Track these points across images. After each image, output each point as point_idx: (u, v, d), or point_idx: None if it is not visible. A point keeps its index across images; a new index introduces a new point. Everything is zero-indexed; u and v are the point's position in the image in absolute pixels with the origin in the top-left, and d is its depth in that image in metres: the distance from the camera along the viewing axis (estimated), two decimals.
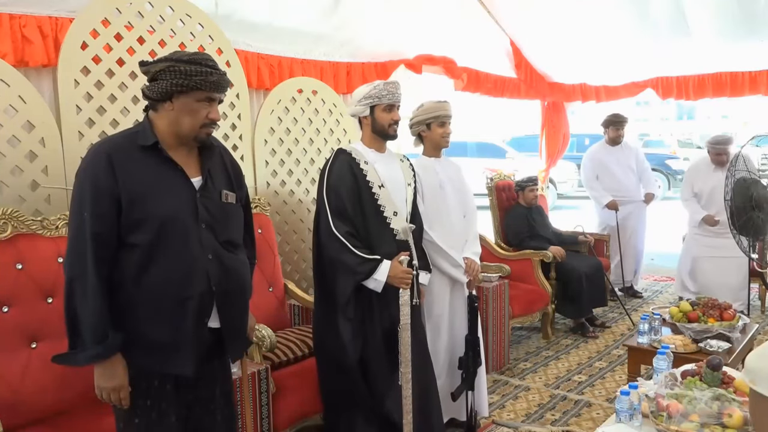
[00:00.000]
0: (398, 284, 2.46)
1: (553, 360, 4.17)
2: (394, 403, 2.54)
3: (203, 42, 3.08)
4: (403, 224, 2.59)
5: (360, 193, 2.56)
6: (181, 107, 1.78)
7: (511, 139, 14.09)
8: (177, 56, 1.78)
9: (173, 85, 1.74)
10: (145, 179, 1.76)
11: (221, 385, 2.00)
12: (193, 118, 1.79)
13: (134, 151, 1.77)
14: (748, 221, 4.29)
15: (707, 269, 4.95)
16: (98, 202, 1.70)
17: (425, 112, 3.05)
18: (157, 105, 1.80)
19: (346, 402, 2.62)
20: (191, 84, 1.75)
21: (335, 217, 2.50)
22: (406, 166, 2.82)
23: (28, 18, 2.53)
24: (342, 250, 2.47)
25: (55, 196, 2.57)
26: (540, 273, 4.51)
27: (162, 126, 1.81)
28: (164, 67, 1.75)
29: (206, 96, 1.79)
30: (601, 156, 5.57)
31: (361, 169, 2.58)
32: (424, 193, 2.99)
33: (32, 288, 2.26)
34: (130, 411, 1.81)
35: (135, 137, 1.80)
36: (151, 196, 1.75)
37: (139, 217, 1.73)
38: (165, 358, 1.80)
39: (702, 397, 1.90)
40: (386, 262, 2.48)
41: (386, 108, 2.61)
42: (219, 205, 1.89)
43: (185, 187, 1.82)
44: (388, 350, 2.54)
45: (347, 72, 4.08)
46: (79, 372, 1.75)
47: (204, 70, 1.76)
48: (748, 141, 4.54)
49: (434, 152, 3.13)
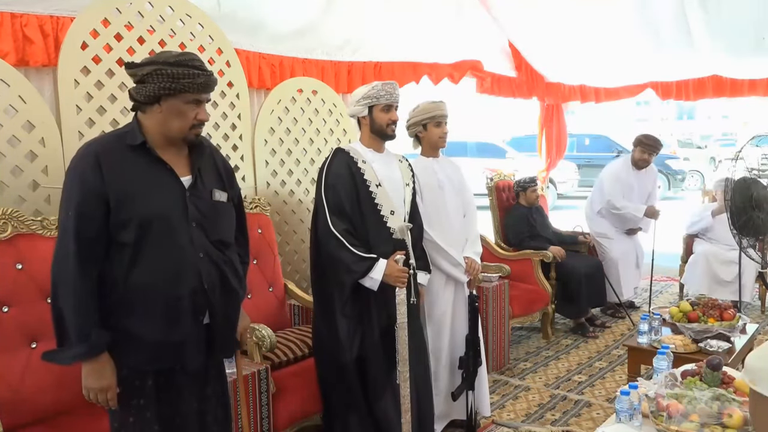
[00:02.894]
0: (394, 283, 2.46)
1: (553, 360, 4.17)
2: (389, 404, 2.54)
3: (203, 42, 3.08)
4: (400, 223, 2.59)
5: (357, 191, 2.57)
6: (169, 109, 1.77)
7: (511, 139, 14.10)
8: (163, 58, 1.76)
9: (161, 89, 1.73)
10: (134, 179, 1.76)
11: (213, 384, 2.00)
12: (181, 120, 1.79)
13: (123, 150, 1.77)
14: (748, 221, 4.29)
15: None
16: (85, 202, 1.71)
17: (421, 113, 3.05)
18: (144, 107, 1.80)
19: (343, 403, 2.61)
20: (178, 87, 1.74)
21: (333, 214, 2.51)
22: (405, 166, 2.82)
23: (29, 17, 2.53)
24: (339, 247, 2.48)
25: (55, 196, 2.57)
26: (540, 273, 4.51)
27: (150, 127, 1.81)
28: (151, 71, 1.73)
29: (194, 98, 1.79)
30: (625, 177, 5.14)
31: (359, 168, 2.59)
32: (423, 194, 3.00)
33: (32, 288, 2.26)
34: (125, 411, 1.81)
35: (124, 137, 1.80)
36: (140, 196, 1.76)
37: (127, 217, 1.73)
38: (159, 356, 1.81)
39: (702, 397, 1.90)
40: (382, 261, 2.48)
41: (384, 108, 2.62)
42: (209, 203, 1.88)
43: (175, 186, 1.82)
44: (386, 349, 2.55)
45: (348, 71, 4.08)
46: (78, 372, 1.76)
47: (191, 72, 1.75)
48: (748, 141, 4.54)
49: (432, 152, 3.13)
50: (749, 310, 5.13)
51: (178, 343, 1.82)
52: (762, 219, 4.30)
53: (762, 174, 4.75)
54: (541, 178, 6.21)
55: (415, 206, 2.82)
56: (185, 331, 1.82)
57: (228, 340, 2.00)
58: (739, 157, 4.33)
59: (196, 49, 3.02)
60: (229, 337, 2.00)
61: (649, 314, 3.11)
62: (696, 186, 14.79)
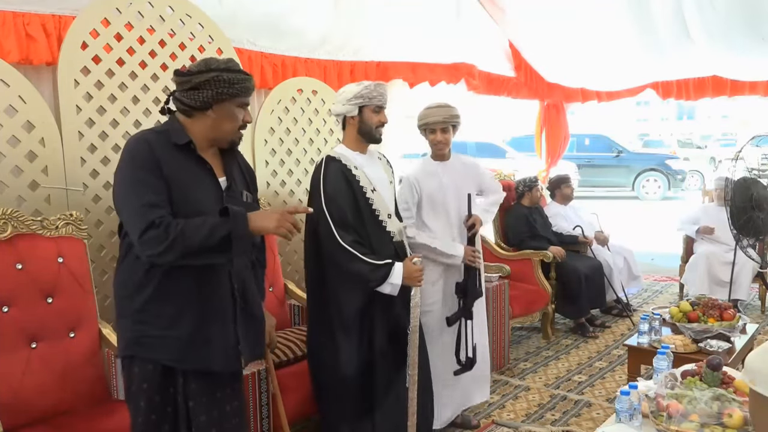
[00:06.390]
0: (413, 284, 2.44)
1: (553, 360, 4.17)
2: (392, 411, 2.52)
3: (203, 42, 3.07)
4: (398, 226, 2.57)
5: (356, 200, 2.52)
6: (221, 113, 1.84)
7: (511, 139, 14.09)
8: (215, 65, 1.83)
9: (218, 95, 1.81)
10: (181, 174, 1.80)
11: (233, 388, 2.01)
12: (233, 123, 1.88)
13: (168, 146, 1.82)
14: (748, 221, 4.29)
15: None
16: (149, 172, 1.74)
17: (419, 119, 3.04)
18: (193, 112, 1.84)
19: (339, 411, 2.57)
20: (233, 92, 1.82)
21: (339, 227, 2.44)
22: (385, 163, 2.76)
23: (31, 16, 2.53)
24: (352, 259, 2.42)
25: (54, 196, 2.57)
26: (540, 273, 4.50)
27: (197, 130, 1.86)
28: (209, 78, 1.80)
29: (243, 101, 1.88)
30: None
31: (354, 175, 2.54)
32: (422, 195, 2.99)
33: (32, 288, 2.26)
34: (146, 408, 1.82)
35: (167, 135, 1.84)
36: (185, 191, 1.80)
37: (174, 210, 1.76)
38: (186, 355, 1.82)
39: (702, 397, 1.90)
40: (398, 265, 2.44)
41: (375, 109, 2.56)
42: (242, 205, 1.91)
43: (215, 187, 1.88)
44: (394, 354, 2.52)
45: (350, 71, 4.08)
46: (78, 372, 1.76)
47: (242, 77, 1.85)
48: (748, 141, 4.54)
49: (436, 157, 3.11)
50: (749, 310, 5.14)
51: (206, 341, 1.84)
52: (762, 219, 4.31)
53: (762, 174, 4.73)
54: (542, 178, 6.22)
55: (396, 204, 2.78)
56: (214, 331, 1.85)
57: (256, 341, 2.02)
58: (739, 157, 4.33)
59: (196, 49, 3.03)
60: (256, 338, 2.03)
61: (649, 314, 3.11)
62: (696, 186, 14.78)
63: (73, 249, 2.40)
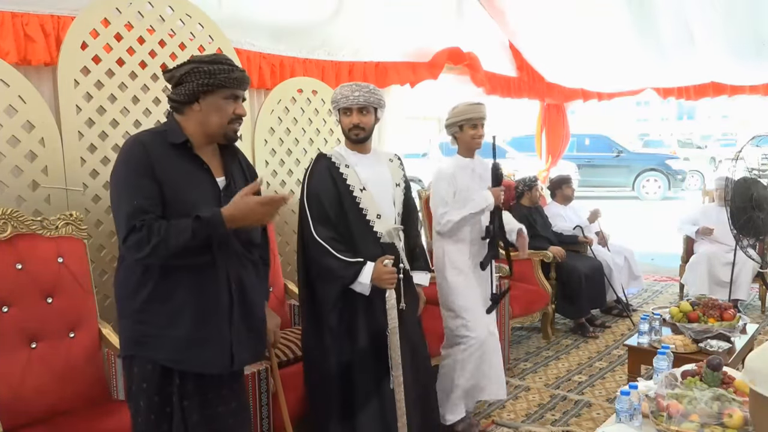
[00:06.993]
0: (382, 285, 2.41)
1: (553, 360, 4.17)
2: (374, 414, 2.50)
3: (203, 42, 3.07)
4: (387, 227, 2.55)
5: (341, 198, 2.51)
6: (208, 106, 1.84)
7: (511, 139, 14.08)
8: (198, 58, 1.86)
9: (199, 86, 1.81)
10: (177, 175, 1.80)
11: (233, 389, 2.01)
12: (220, 116, 1.85)
13: (166, 146, 1.82)
14: (749, 221, 4.29)
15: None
16: (141, 176, 1.75)
17: (458, 114, 3.04)
18: (183, 108, 1.85)
19: (325, 410, 2.57)
20: (216, 82, 1.81)
21: (317, 223, 2.46)
22: (396, 165, 2.75)
23: (30, 16, 2.53)
24: (325, 254, 2.43)
25: (54, 196, 2.57)
26: (540, 273, 4.50)
27: (190, 127, 1.86)
28: (189, 70, 1.81)
29: (231, 93, 1.86)
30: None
31: (340, 173, 2.53)
32: (458, 192, 3.01)
33: (32, 288, 2.26)
34: (146, 408, 1.83)
35: (164, 135, 1.84)
36: (181, 191, 1.80)
37: (170, 211, 1.77)
38: (185, 355, 1.82)
39: (702, 397, 1.90)
40: (369, 264, 2.43)
41: (344, 111, 2.55)
42: None
43: (212, 186, 1.87)
44: (376, 356, 2.49)
45: (349, 71, 4.08)
46: (78, 372, 1.76)
47: (226, 68, 1.84)
48: (749, 141, 4.54)
49: (467, 153, 3.12)
50: (749, 310, 5.14)
51: (203, 341, 1.83)
52: (762, 219, 4.31)
53: (762, 174, 4.73)
54: (542, 177, 6.22)
55: (410, 206, 2.77)
56: (212, 331, 1.84)
57: (255, 342, 2.01)
58: (739, 157, 4.33)
59: (196, 49, 3.02)
60: (256, 338, 2.01)
61: (649, 314, 3.11)
62: (696, 186, 14.78)
63: (73, 249, 2.40)
